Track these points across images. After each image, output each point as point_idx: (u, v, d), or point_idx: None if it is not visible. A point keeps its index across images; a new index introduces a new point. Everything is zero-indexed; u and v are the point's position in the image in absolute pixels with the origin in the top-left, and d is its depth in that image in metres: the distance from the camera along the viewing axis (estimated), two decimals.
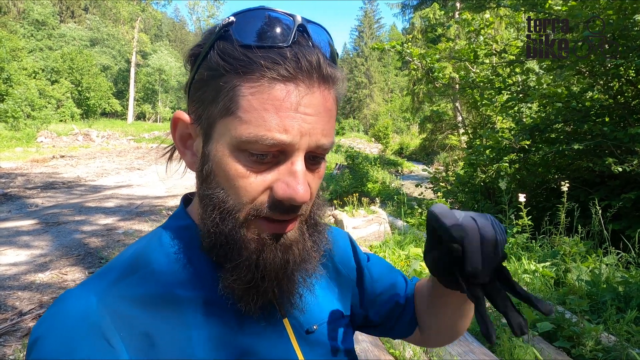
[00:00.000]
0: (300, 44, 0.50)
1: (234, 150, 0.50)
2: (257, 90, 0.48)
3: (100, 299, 0.50)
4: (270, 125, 0.48)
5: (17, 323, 3.38)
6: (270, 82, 0.48)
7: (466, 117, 11.29)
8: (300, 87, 0.49)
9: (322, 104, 0.51)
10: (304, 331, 0.62)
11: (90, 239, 5.71)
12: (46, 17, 38.71)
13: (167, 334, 0.51)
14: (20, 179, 10.84)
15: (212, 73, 0.51)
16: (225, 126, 0.50)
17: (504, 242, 0.54)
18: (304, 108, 0.49)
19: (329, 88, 0.52)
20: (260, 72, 0.48)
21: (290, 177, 0.50)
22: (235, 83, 0.49)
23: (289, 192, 0.50)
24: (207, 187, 0.53)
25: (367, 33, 62.93)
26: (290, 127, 0.49)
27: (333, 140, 0.54)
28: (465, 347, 2.43)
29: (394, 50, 7.70)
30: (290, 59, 0.49)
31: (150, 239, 0.60)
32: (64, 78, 33.46)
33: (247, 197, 0.51)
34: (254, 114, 0.48)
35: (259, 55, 0.49)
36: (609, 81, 5.47)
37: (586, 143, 5.18)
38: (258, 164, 0.50)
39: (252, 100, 0.49)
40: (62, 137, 23.58)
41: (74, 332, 0.48)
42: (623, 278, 3.27)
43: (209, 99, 0.51)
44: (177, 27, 66.12)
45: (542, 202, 6.04)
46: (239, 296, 0.53)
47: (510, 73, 6.67)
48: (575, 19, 5.07)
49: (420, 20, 21.21)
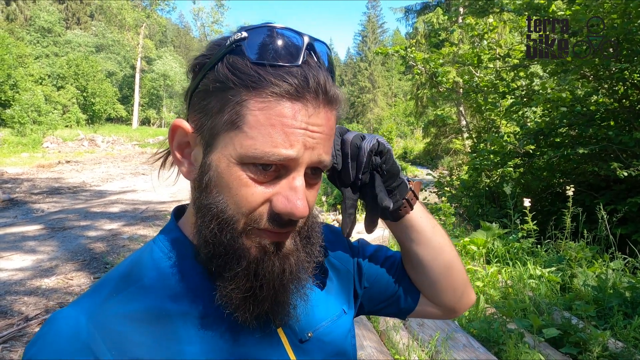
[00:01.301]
0: (309, 64, 0.52)
1: (237, 163, 0.51)
2: (265, 107, 0.49)
3: (90, 317, 0.51)
4: (277, 142, 0.49)
5: (23, 328, 3.40)
6: (278, 99, 0.49)
7: (470, 121, 11.27)
8: (308, 106, 0.51)
9: (325, 123, 0.53)
10: (298, 340, 0.62)
11: (95, 244, 5.73)
12: (52, 24, 39.10)
13: (160, 350, 0.51)
14: (26, 184, 10.92)
15: (219, 85, 0.51)
16: (230, 139, 0.51)
17: (378, 150, 0.66)
18: (309, 126, 0.51)
19: (332, 109, 0.54)
20: (270, 89, 0.49)
21: (291, 192, 0.51)
22: (243, 97, 0.50)
23: (289, 207, 0.51)
24: (206, 196, 0.53)
25: (371, 38, 63.09)
26: (295, 142, 0.50)
27: (330, 159, 0.56)
28: (472, 354, 2.42)
29: (397, 54, 7.71)
30: (299, 78, 0.50)
31: (141, 254, 0.60)
32: (70, 84, 33.72)
33: (247, 208, 0.51)
34: (261, 130, 0.49)
35: (269, 72, 0.50)
36: (614, 85, 5.45)
37: (591, 147, 5.15)
38: (262, 174, 0.51)
39: (259, 115, 0.49)
40: (68, 143, 23.73)
41: (64, 352, 0.48)
42: (630, 283, 3.25)
43: (214, 110, 0.52)
44: (182, 33, 66.57)
45: (547, 207, 6.00)
46: (236, 305, 0.53)
47: (514, 77, 6.66)
48: (579, 24, 5.06)
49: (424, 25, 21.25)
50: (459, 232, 5.53)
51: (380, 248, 0.84)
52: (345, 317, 0.72)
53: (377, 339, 2.79)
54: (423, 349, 2.63)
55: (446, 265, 0.77)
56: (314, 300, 0.68)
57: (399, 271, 0.81)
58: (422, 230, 0.74)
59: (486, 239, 4.46)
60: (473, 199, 7.40)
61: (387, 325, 2.90)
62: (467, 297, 0.82)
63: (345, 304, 0.74)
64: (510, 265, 4.18)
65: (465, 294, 0.81)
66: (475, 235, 4.57)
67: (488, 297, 3.51)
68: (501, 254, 4.39)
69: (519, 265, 4.08)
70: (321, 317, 0.67)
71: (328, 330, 0.67)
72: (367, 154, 0.65)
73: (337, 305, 0.71)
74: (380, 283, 0.80)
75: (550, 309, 3.06)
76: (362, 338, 2.64)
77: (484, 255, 4.40)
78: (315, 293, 0.69)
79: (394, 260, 0.82)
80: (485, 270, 4.09)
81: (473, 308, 3.27)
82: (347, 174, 0.67)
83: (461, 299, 0.81)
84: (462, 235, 5.05)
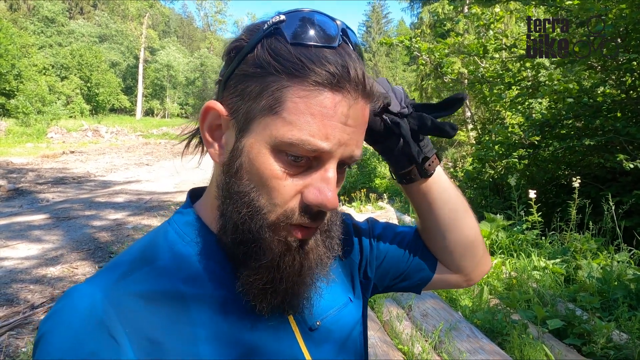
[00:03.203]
0: (345, 49, 0.52)
1: (271, 150, 0.50)
2: (306, 95, 0.49)
3: (106, 295, 0.50)
4: (314, 131, 0.49)
5: (29, 316, 3.43)
6: (320, 89, 0.49)
7: (475, 112, 11.20)
8: (348, 98, 0.50)
9: (361, 116, 0.53)
10: (308, 329, 0.62)
11: (100, 234, 5.77)
12: (56, 14, 38.96)
13: (173, 332, 0.51)
14: (31, 174, 10.97)
15: (259, 70, 0.51)
16: (266, 124, 0.50)
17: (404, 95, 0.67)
18: (347, 119, 0.50)
19: (368, 102, 0.54)
20: (312, 78, 0.49)
21: (323, 184, 0.51)
22: (285, 84, 0.49)
23: (321, 198, 0.51)
24: (237, 182, 0.53)
25: (375, 28, 62.58)
26: (332, 136, 0.50)
27: (361, 153, 0.56)
28: (475, 344, 2.42)
29: (402, 45, 7.65)
30: (340, 67, 0.49)
31: (156, 234, 0.60)
32: (73, 74, 33.71)
33: (280, 200, 0.51)
34: (300, 118, 0.49)
35: (310, 58, 0.49)
36: (622, 76, 5.38)
37: (597, 139, 5.11)
38: (293, 166, 0.51)
39: (299, 103, 0.49)
40: (72, 133, 23.81)
41: (79, 328, 0.48)
42: (635, 275, 3.23)
43: (253, 94, 0.51)
44: (185, 24, 66.23)
45: (552, 199, 5.97)
46: (254, 295, 0.54)
47: (520, 68, 6.59)
48: (587, 14, 4.99)
49: (429, 15, 21.02)
50: None
51: (389, 225, 0.83)
52: (351, 305, 0.71)
53: (381, 328, 2.80)
54: (427, 339, 2.63)
55: (469, 226, 0.77)
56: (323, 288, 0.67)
57: (411, 244, 0.80)
58: (447, 188, 0.74)
59: (490, 230, 4.44)
60: (477, 190, 7.38)
61: (390, 316, 2.91)
62: (486, 261, 0.82)
63: (351, 292, 0.73)
64: (515, 257, 4.17)
65: (483, 259, 0.81)
66: (479, 226, 4.56)
67: (492, 288, 3.51)
68: (505, 246, 4.38)
69: (523, 256, 4.07)
70: (328, 305, 0.67)
71: (335, 319, 0.67)
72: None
73: (343, 294, 0.71)
74: (392, 259, 0.79)
75: (554, 300, 3.05)
76: None
77: (488, 247, 4.40)
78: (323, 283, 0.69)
79: (404, 235, 0.81)
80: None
81: (477, 299, 3.27)
82: (396, 106, 0.65)
83: (479, 264, 0.81)
84: None
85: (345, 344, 0.67)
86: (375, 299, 3.22)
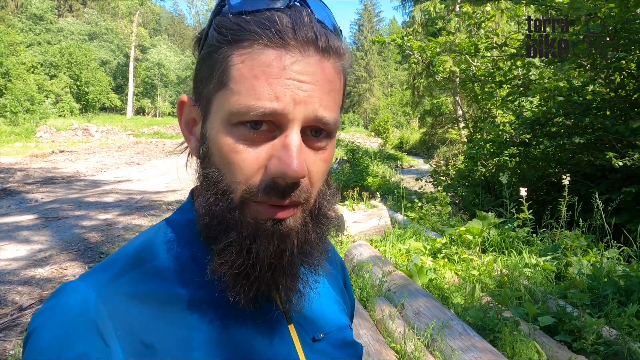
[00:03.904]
0: (296, 10, 0.48)
1: (227, 125, 0.48)
2: (247, 58, 0.46)
3: (100, 294, 0.49)
4: (260, 94, 0.45)
5: (17, 318, 3.38)
6: (261, 48, 0.46)
7: (466, 111, 11.26)
8: (293, 52, 0.46)
9: (319, 72, 0.48)
10: (310, 339, 0.60)
11: (90, 234, 5.70)
12: (44, 11, 38.46)
13: (166, 335, 0.49)
14: (20, 174, 10.82)
15: (208, 50, 0.50)
16: (220, 101, 0.48)
17: None
18: (297, 75, 0.46)
19: (327, 57, 0.49)
20: (251, 39, 0.46)
21: (283, 151, 0.46)
22: (227, 53, 0.48)
23: (280, 166, 0.46)
24: (204, 167, 0.52)
25: (367, 27, 62.66)
26: (281, 94, 0.45)
27: (337, 117, 0.50)
28: (467, 342, 2.42)
29: (394, 43, 7.66)
30: (283, 24, 0.46)
31: (155, 233, 0.58)
32: (63, 73, 33.32)
33: (241, 176, 0.48)
34: (245, 84, 0.46)
35: (250, 21, 0.47)
36: (610, 74, 5.44)
37: (587, 137, 5.16)
38: (251, 138, 0.47)
39: (242, 68, 0.46)
40: (61, 132, 23.52)
41: (70, 327, 0.46)
42: (624, 272, 3.27)
43: (206, 75, 0.50)
44: (176, 22, 65.79)
45: (543, 196, 6.03)
46: (228, 283, 0.50)
47: (511, 66, 6.64)
48: (577, 12, 5.03)
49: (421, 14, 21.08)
50: (454, 221, 5.54)
51: None
52: (350, 332, 0.69)
53: (374, 327, 2.80)
54: (419, 337, 2.64)
55: None
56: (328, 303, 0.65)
57: None
58: None
59: (482, 228, 4.46)
60: (469, 188, 7.42)
61: (383, 314, 2.91)
62: None
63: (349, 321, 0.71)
64: (506, 254, 4.20)
65: None
66: (471, 224, 4.58)
67: (484, 286, 3.52)
68: (497, 243, 4.41)
69: (514, 254, 4.10)
70: (333, 320, 0.65)
71: (340, 336, 0.64)
72: None
73: (343, 316, 0.69)
74: None
75: (545, 297, 3.07)
76: (358, 327, 2.65)
77: (479, 244, 4.42)
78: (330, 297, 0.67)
79: None
80: (481, 259, 4.11)
81: (469, 296, 3.28)
82: None
83: None
84: (458, 225, 5.06)
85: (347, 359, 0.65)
86: (368, 298, 3.22)
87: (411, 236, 4.99)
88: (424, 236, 4.93)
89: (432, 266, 3.95)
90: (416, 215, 5.98)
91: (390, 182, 11.38)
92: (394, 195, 8.18)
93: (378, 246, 4.75)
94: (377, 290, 3.34)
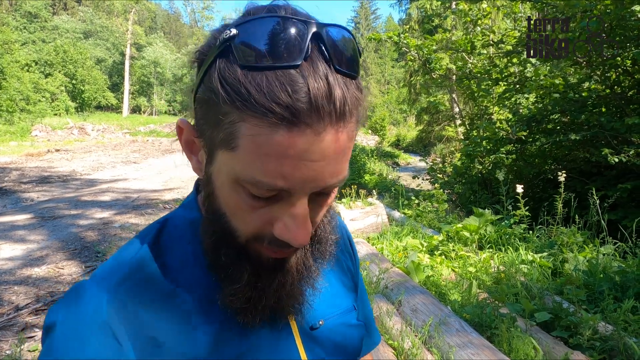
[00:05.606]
0: (312, 62, 0.43)
1: (232, 183, 0.47)
2: (257, 133, 0.43)
3: (111, 297, 0.51)
4: (269, 172, 0.44)
5: (13, 318, 3.37)
6: (272, 126, 0.42)
7: (463, 108, 11.27)
8: (308, 134, 0.42)
9: (332, 147, 0.44)
10: (309, 327, 0.62)
11: (86, 233, 5.68)
12: (38, 9, 38.19)
13: (173, 336, 0.52)
14: (15, 173, 10.76)
15: (213, 97, 0.45)
16: (225, 159, 0.47)
17: None
18: (308, 155, 0.43)
19: (344, 125, 0.45)
20: (263, 114, 0.42)
21: (290, 220, 0.47)
22: (235, 119, 0.44)
23: (287, 236, 0.47)
24: (210, 205, 0.52)
25: (364, 24, 62.61)
26: (290, 175, 0.44)
27: (345, 174, 0.49)
28: (464, 338, 2.43)
29: (390, 40, 7.65)
30: (299, 98, 0.41)
31: (159, 231, 0.59)
32: (58, 71, 33.10)
33: (247, 229, 0.50)
34: (253, 157, 0.44)
35: (263, 89, 0.42)
36: (606, 71, 5.46)
37: (583, 133, 5.18)
38: (259, 199, 0.47)
39: (251, 142, 0.43)
40: (57, 131, 23.40)
41: (84, 327, 0.49)
42: (620, 268, 3.28)
43: (211, 122, 0.47)
44: (172, 19, 65.49)
45: (539, 193, 6.05)
46: (237, 311, 0.54)
47: (507, 64, 6.65)
48: (573, 9, 5.04)
49: (417, 11, 21.08)
50: (451, 218, 5.55)
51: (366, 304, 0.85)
52: (355, 313, 0.71)
53: None
54: (416, 334, 2.64)
55: None
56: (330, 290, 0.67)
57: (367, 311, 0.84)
58: None
59: (479, 225, 4.48)
60: (465, 185, 7.44)
61: (380, 311, 2.91)
62: None
63: (355, 302, 0.73)
64: (503, 251, 4.21)
65: None
66: (467, 221, 4.59)
67: (480, 283, 3.53)
68: (493, 240, 4.42)
69: (511, 250, 4.11)
70: (332, 307, 0.67)
71: (338, 322, 0.66)
72: None
73: (347, 299, 0.71)
74: None
75: (541, 293, 3.08)
76: None
77: (476, 241, 4.43)
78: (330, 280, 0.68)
79: (365, 300, 0.83)
80: (477, 255, 4.12)
81: (466, 293, 3.29)
82: None
83: None
84: (454, 222, 5.07)
85: (345, 347, 0.66)
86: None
87: (408, 233, 5.00)
88: (421, 233, 4.94)
89: (429, 263, 3.96)
90: (413, 213, 5.99)
91: (387, 179, 11.39)
92: (391, 192, 8.19)
93: (375, 243, 4.75)
94: (375, 288, 3.34)
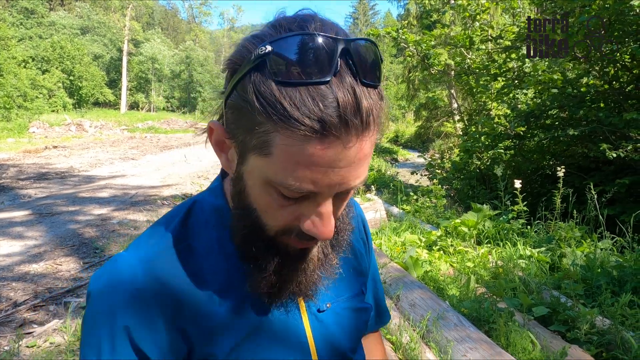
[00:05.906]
0: (341, 77, 0.47)
1: (264, 184, 0.52)
2: (290, 144, 0.47)
3: (146, 269, 0.58)
4: (299, 177, 0.49)
5: (11, 314, 3.36)
6: (304, 138, 0.47)
7: (461, 104, 11.26)
8: (337, 145, 0.47)
9: (357, 154, 0.49)
10: (317, 309, 0.67)
11: (84, 229, 5.67)
12: (35, 5, 37.91)
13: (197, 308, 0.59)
14: (13, 170, 10.73)
15: (246, 107, 0.49)
16: (258, 162, 0.51)
17: None
18: (336, 163, 0.48)
19: (368, 134, 0.49)
20: (296, 127, 0.46)
21: (317, 217, 0.53)
22: (269, 129, 0.48)
23: (314, 232, 0.53)
24: (240, 201, 0.58)
25: (362, 20, 62.42)
26: (319, 180, 0.49)
27: (366, 175, 0.54)
28: (462, 333, 2.44)
29: (389, 36, 7.63)
30: (329, 112, 0.45)
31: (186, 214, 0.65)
32: (55, 67, 32.92)
33: (277, 224, 0.56)
34: (285, 164, 0.49)
35: (294, 103, 0.46)
36: (605, 67, 5.45)
37: (581, 129, 5.18)
38: (286, 200, 0.53)
39: (284, 150, 0.48)
40: (55, 128, 23.28)
41: (119, 298, 0.56)
42: (617, 262, 3.29)
43: (244, 127, 0.51)
44: (170, 15, 65.12)
45: (537, 188, 6.06)
46: (262, 293, 0.60)
47: (505, 59, 6.64)
48: (571, 4, 5.03)
49: (416, 7, 21.01)
50: (450, 213, 5.56)
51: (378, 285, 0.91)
52: (362, 297, 0.76)
53: None
54: (414, 328, 2.65)
55: None
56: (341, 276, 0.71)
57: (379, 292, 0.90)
58: None
59: (477, 220, 4.48)
60: (464, 180, 7.45)
61: None
62: None
63: (364, 285, 0.79)
64: (501, 246, 4.22)
65: None
66: (466, 216, 4.60)
67: (479, 277, 3.54)
68: (492, 235, 4.43)
69: (509, 245, 4.12)
70: (342, 290, 0.72)
71: (346, 305, 0.71)
72: None
73: (357, 283, 0.76)
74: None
75: (539, 288, 3.09)
76: None
77: (474, 236, 4.44)
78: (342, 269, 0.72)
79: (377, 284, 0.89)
80: (476, 251, 4.13)
81: (464, 288, 3.30)
82: None
83: None
84: (453, 217, 5.08)
85: (349, 329, 0.71)
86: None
87: (407, 229, 5.00)
88: (420, 229, 4.94)
89: (427, 258, 3.97)
90: (411, 208, 6.00)
91: (385, 175, 11.39)
92: (390, 188, 8.19)
93: (374, 239, 4.76)
94: None
